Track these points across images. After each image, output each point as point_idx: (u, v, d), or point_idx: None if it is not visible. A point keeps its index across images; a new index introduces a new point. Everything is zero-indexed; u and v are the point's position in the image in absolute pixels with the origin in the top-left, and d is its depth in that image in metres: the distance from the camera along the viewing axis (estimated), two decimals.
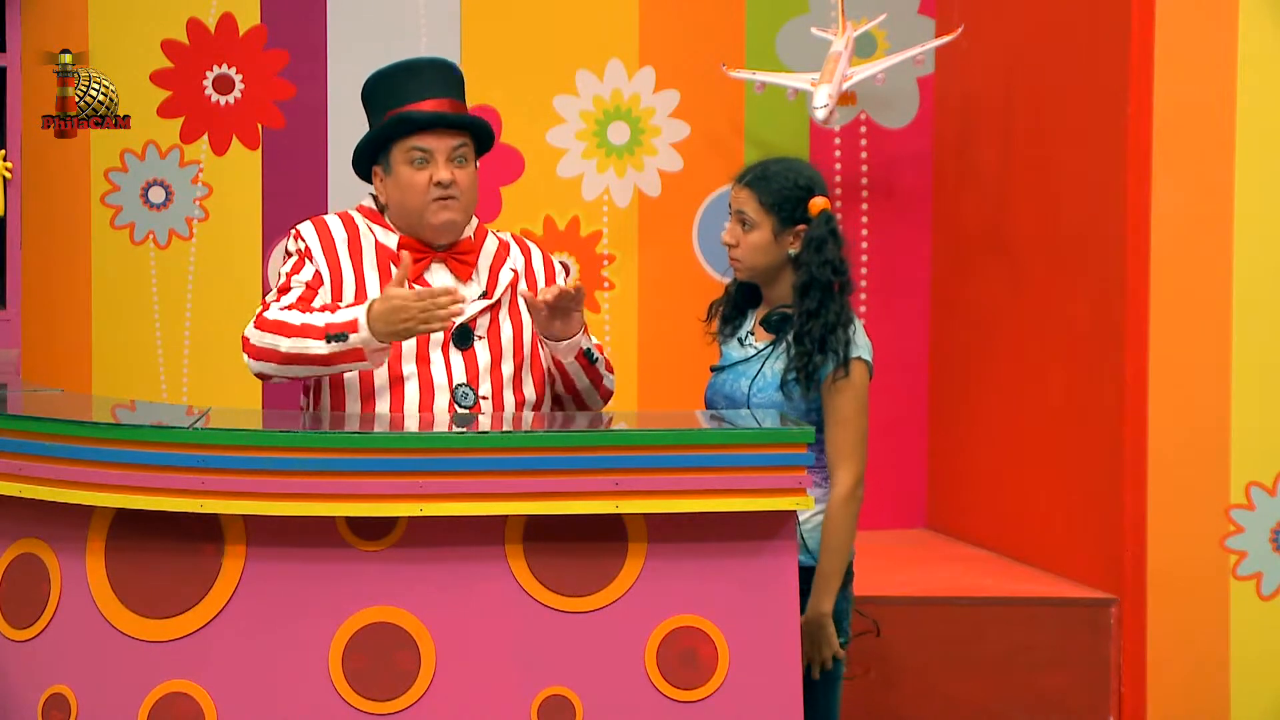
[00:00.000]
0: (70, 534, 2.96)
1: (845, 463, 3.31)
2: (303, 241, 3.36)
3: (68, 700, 2.94)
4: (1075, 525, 4.66)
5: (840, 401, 3.32)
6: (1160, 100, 4.30)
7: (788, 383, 3.33)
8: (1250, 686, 4.31)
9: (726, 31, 5.51)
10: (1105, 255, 4.46)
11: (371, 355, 3.16)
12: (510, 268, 3.44)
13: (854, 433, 3.32)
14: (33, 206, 5.17)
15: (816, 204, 3.39)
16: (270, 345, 3.20)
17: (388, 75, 3.43)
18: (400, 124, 3.34)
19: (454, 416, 3.24)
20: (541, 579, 2.90)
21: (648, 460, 2.88)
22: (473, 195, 3.40)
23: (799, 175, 3.43)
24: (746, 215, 3.40)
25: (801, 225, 3.39)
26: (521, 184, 5.51)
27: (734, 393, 3.42)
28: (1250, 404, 4.29)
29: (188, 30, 5.40)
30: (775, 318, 3.42)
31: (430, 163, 3.33)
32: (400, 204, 3.36)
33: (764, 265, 3.42)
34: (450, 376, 3.29)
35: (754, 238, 3.41)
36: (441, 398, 3.28)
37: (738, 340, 3.50)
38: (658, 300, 5.49)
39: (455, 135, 3.36)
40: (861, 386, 3.34)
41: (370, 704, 2.87)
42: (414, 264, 3.33)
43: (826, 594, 3.30)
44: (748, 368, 3.42)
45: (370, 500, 2.84)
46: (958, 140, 5.38)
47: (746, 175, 3.46)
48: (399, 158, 3.35)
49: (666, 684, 2.89)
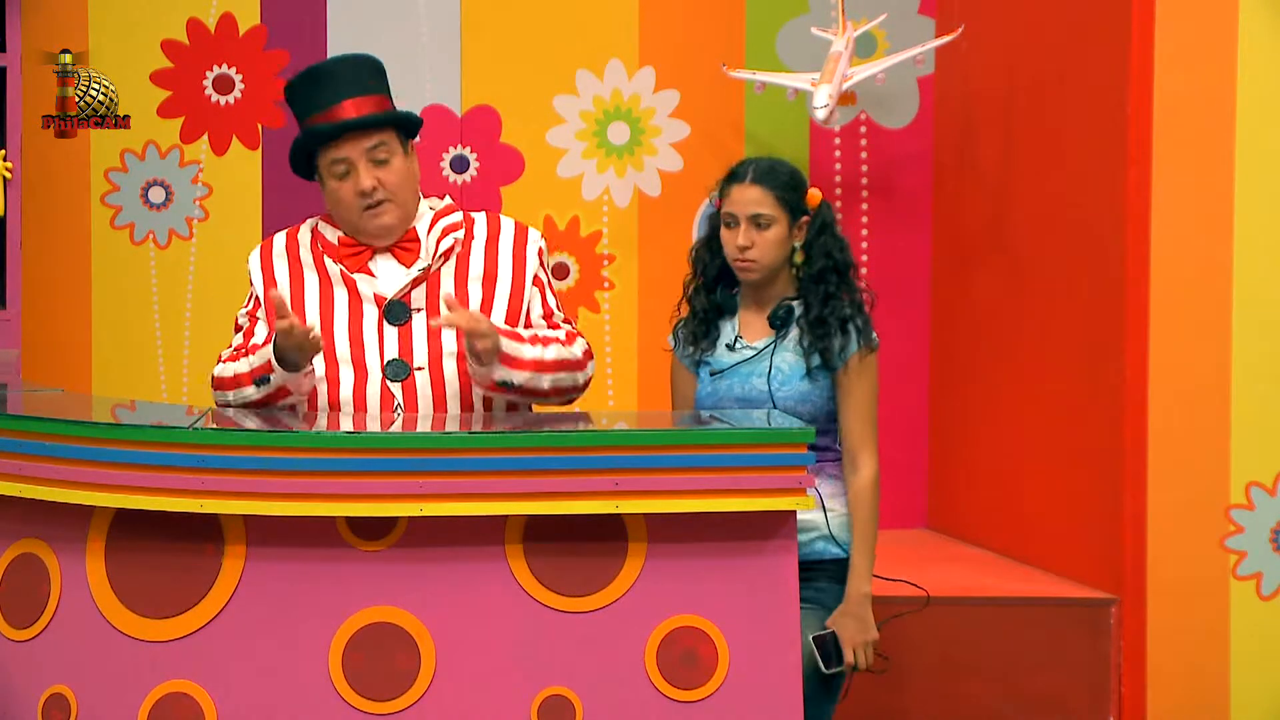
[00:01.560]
0: (70, 534, 2.96)
1: (868, 445, 3.39)
2: (249, 270, 3.41)
3: (68, 700, 2.94)
4: (1075, 525, 4.65)
5: (862, 384, 3.39)
6: (1160, 100, 4.30)
7: (813, 369, 3.37)
8: (1250, 686, 4.31)
9: (726, 31, 5.51)
10: (1105, 255, 4.45)
11: (298, 383, 3.22)
12: (455, 236, 3.35)
13: (874, 420, 3.41)
14: (33, 206, 5.18)
15: (815, 194, 3.45)
16: (223, 402, 3.30)
17: (295, 86, 3.35)
18: (310, 139, 3.30)
19: (445, 420, 3.23)
20: (541, 579, 2.89)
21: (648, 460, 2.88)
22: (407, 190, 3.32)
23: (792, 167, 3.49)
24: (763, 214, 3.41)
25: (805, 217, 3.44)
26: (521, 184, 5.51)
27: (748, 393, 3.41)
28: (1250, 404, 4.29)
29: (188, 30, 5.40)
30: (782, 311, 3.44)
31: (352, 171, 3.27)
32: (337, 214, 3.36)
33: (778, 261, 3.44)
34: (383, 354, 3.27)
35: (772, 234, 3.42)
36: (375, 378, 3.27)
37: (725, 348, 3.48)
38: (658, 300, 5.48)
39: (370, 135, 3.27)
40: (876, 369, 3.43)
41: (370, 704, 2.87)
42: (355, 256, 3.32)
43: (865, 575, 3.35)
44: (755, 366, 3.41)
45: (370, 500, 2.84)
46: (958, 140, 5.38)
47: (747, 175, 3.44)
48: (323, 171, 3.32)
49: (666, 684, 2.89)
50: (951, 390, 5.39)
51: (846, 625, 3.33)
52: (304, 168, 3.39)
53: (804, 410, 3.37)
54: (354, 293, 3.32)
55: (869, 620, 3.35)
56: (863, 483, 3.38)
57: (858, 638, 3.33)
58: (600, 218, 5.52)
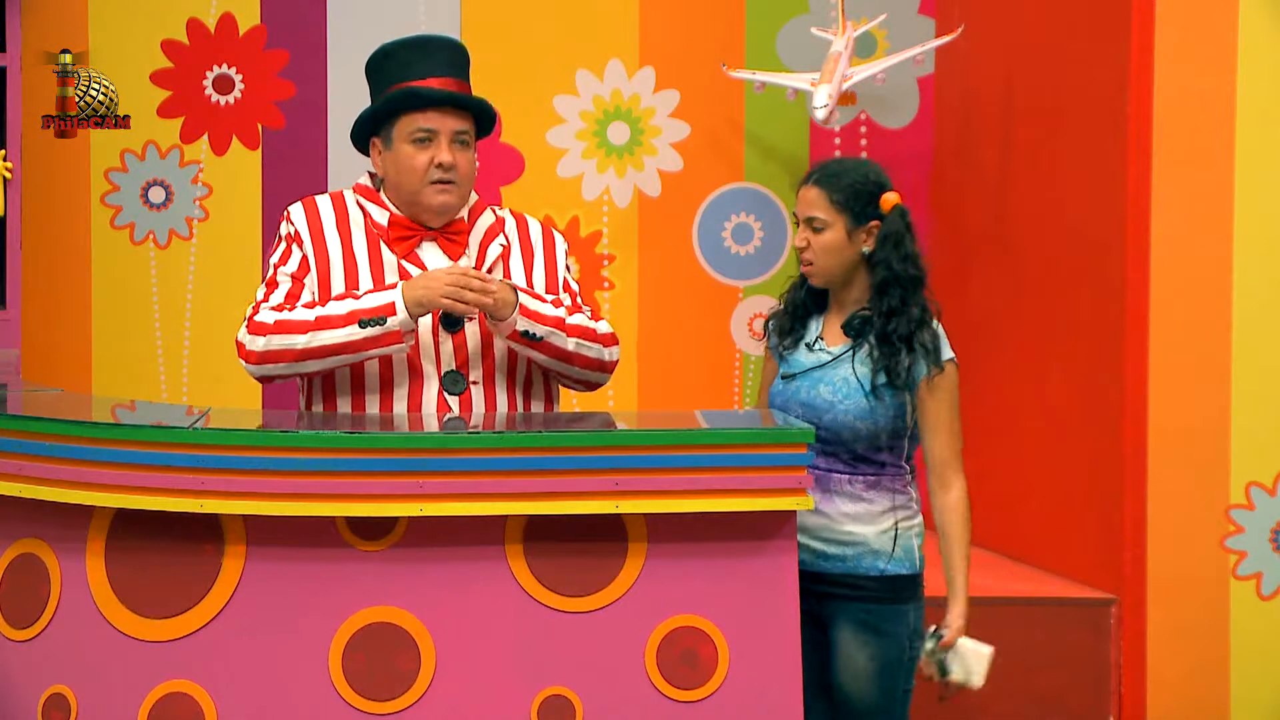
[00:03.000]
0: (70, 534, 2.96)
1: (954, 467, 3.26)
2: (291, 225, 3.31)
3: (68, 700, 2.94)
4: (1075, 525, 4.66)
5: (937, 404, 3.25)
6: (1160, 100, 4.30)
7: (878, 386, 3.24)
8: (1250, 686, 4.32)
9: (726, 31, 5.51)
10: (1105, 255, 4.46)
11: (407, 336, 3.15)
12: (499, 242, 3.37)
13: (956, 436, 3.26)
14: (33, 206, 5.18)
15: (889, 199, 3.28)
16: (284, 346, 3.16)
17: (397, 49, 3.35)
18: (409, 98, 3.27)
19: (445, 419, 3.22)
20: (541, 579, 2.89)
21: (648, 460, 2.88)
22: (471, 180, 3.34)
23: (868, 171, 3.33)
24: (817, 217, 3.29)
25: (874, 222, 3.29)
26: (521, 184, 5.51)
27: (813, 399, 3.29)
28: (1250, 404, 4.29)
29: (188, 30, 5.40)
30: (857, 320, 3.31)
31: (433, 143, 3.27)
32: (396, 182, 3.30)
33: (839, 266, 3.30)
34: (439, 363, 3.26)
35: (826, 238, 3.29)
36: (431, 386, 3.25)
37: (805, 347, 3.37)
38: (658, 300, 5.49)
39: (460, 118, 3.29)
40: (955, 387, 3.27)
41: (370, 704, 2.87)
42: (404, 241, 3.29)
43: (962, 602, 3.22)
44: (825, 373, 3.30)
45: (370, 500, 2.84)
46: (958, 140, 5.38)
47: (812, 176, 3.35)
48: (401, 134, 3.28)
49: (666, 684, 2.89)
50: None
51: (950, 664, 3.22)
52: (365, 134, 3.34)
53: (863, 426, 3.24)
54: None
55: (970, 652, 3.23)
56: (953, 501, 3.26)
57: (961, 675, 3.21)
58: (600, 218, 5.52)
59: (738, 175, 5.57)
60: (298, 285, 3.25)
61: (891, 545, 3.26)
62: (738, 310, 5.55)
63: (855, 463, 3.24)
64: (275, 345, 3.17)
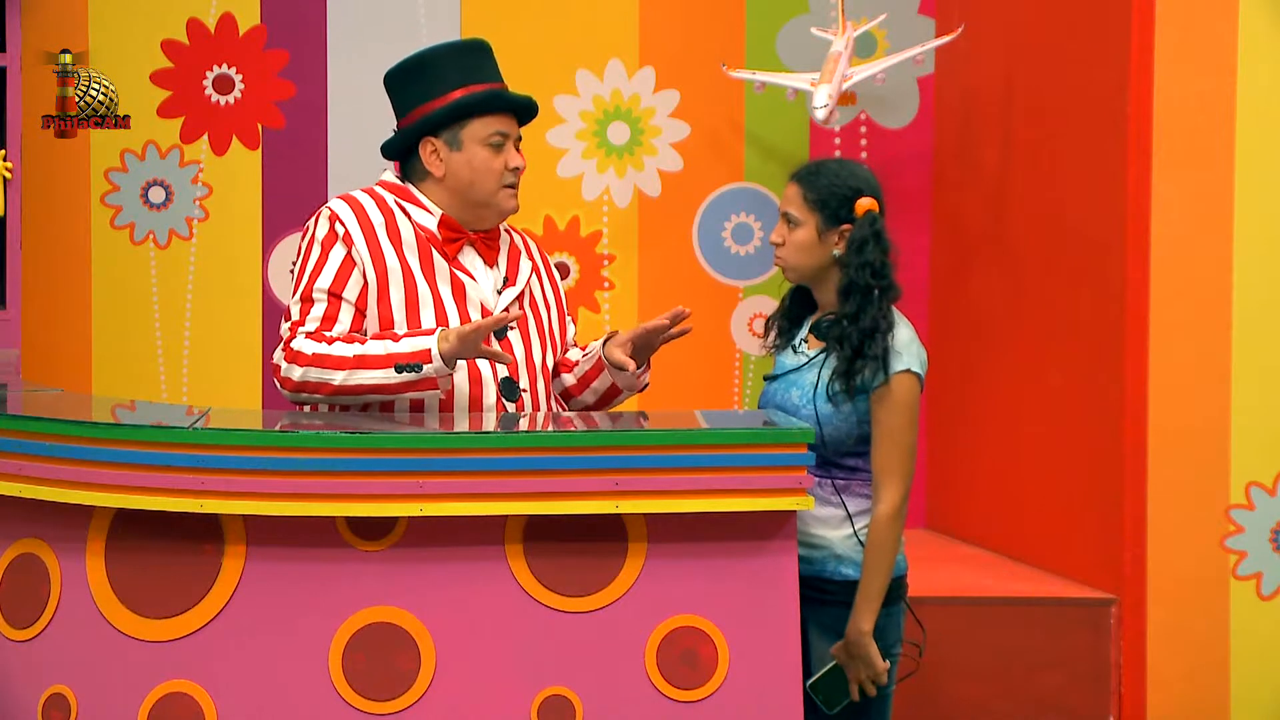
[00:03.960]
0: (70, 534, 2.96)
1: (889, 480, 3.17)
2: (341, 226, 3.23)
3: (68, 700, 2.94)
4: (1075, 525, 4.65)
5: (883, 414, 3.18)
6: (1160, 99, 4.30)
7: (835, 393, 3.20)
8: (1250, 686, 4.31)
9: (726, 31, 5.51)
10: (1105, 255, 4.46)
11: (443, 383, 3.14)
12: (528, 259, 3.43)
13: (899, 449, 3.17)
14: (33, 206, 5.18)
15: (862, 204, 3.25)
16: (321, 380, 3.15)
17: (461, 50, 3.36)
18: (493, 100, 3.29)
19: (501, 417, 3.22)
20: (541, 579, 2.89)
21: (648, 460, 2.88)
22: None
23: (850, 174, 3.29)
24: (791, 213, 3.29)
25: (847, 225, 3.26)
26: (521, 184, 5.50)
27: (785, 402, 3.29)
28: (1250, 404, 4.29)
29: (188, 30, 5.40)
30: (825, 324, 3.29)
31: (505, 147, 3.30)
32: (467, 183, 3.28)
33: (808, 265, 3.29)
34: (495, 368, 3.26)
35: (798, 235, 3.28)
36: (489, 390, 3.26)
37: (791, 348, 3.37)
38: (658, 300, 5.49)
39: (521, 123, 3.37)
40: (906, 400, 3.18)
41: (370, 704, 2.87)
42: (452, 244, 3.27)
43: (866, 613, 3.16)
44: (798, 376, 3.30)
45: (370, 500, 2.84)
46: (958, 140, 5.38)
47: (797, 172, 3.34)
48: (476, 136, 3.28)
49: (666, 684, 2.89)
50: (951, 390, 5.39)
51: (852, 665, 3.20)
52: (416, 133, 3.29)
53: (827, 431, 3.21)
54: (460, 295, 3.27)
55: (864, 658, 3.17)
56: (878, 517, 3.18)
57: (862, 674, 3.19)
58: (600, 218, 5.52)
59: (738, 175, 5.56)
60: (334, 304, 3.20)
61: (855, 551, 3.23)
62: (738, 310, 5.55)
63: (826, 466, 3.23)
64: (312, 378, 3.16)
